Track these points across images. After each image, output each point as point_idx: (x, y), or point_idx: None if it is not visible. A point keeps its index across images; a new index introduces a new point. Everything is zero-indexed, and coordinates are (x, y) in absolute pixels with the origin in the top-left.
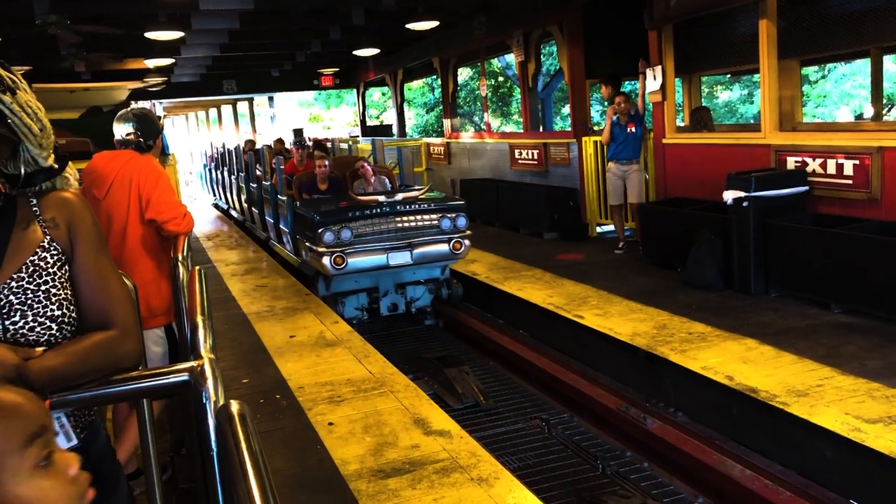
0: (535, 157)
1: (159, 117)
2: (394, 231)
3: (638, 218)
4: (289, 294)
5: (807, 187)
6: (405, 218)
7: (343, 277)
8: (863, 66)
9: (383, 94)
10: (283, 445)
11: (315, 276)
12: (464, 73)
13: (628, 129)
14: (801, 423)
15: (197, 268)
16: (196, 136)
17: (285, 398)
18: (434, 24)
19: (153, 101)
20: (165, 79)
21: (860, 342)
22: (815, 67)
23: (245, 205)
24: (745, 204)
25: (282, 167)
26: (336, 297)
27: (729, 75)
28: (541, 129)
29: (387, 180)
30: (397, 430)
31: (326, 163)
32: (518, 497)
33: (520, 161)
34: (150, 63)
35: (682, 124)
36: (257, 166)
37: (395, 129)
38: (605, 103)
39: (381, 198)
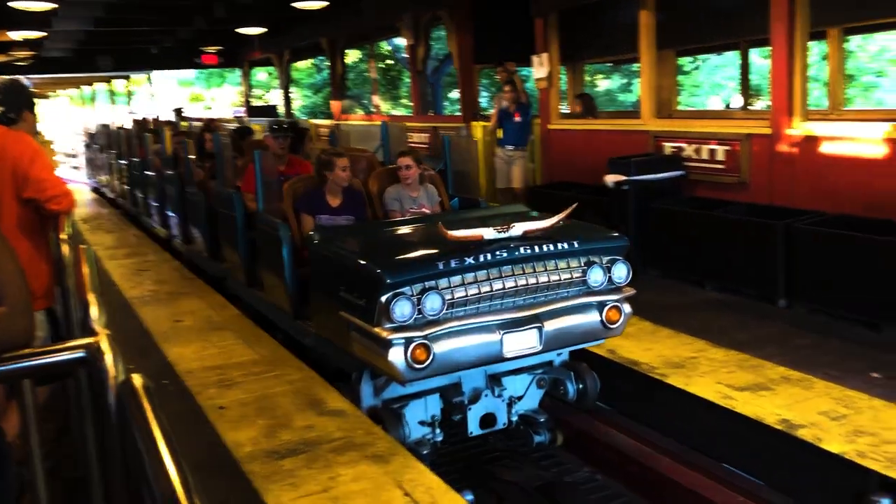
0: (426, 140)
1: (26, 88)
2: (512, 294)
3: (523, 201)
4: (172, 278)
5: (683, 171)
6: (532, 269)
7: None
8: (733, 58)
9: (270, 75)
10: (172, 430)
11: (353, 368)
12: (353, 55)
13: (514, 118)
14: (678, 393)
15: (83, 246)
16: (77, 115)
17: (173, 383)
18: (323, 4)
19: (20, 76)
20: (34, 53)
21: (730, 317)
22: (689, 58)
23: (140, 195)
24: (625, 187)
25: (236, 163)
26: (391, 408)
27: (611, 65)
28: (431, 113)
29: (434, 190)
30: (291, 411)
31: (346, 164)
32: (415, 474)
33: (410, 144)
34: (17, 35)
35: (567, 111)
36: (193, 158)
37: (281, 110)
38: (493, 90)
39: (487, 232)
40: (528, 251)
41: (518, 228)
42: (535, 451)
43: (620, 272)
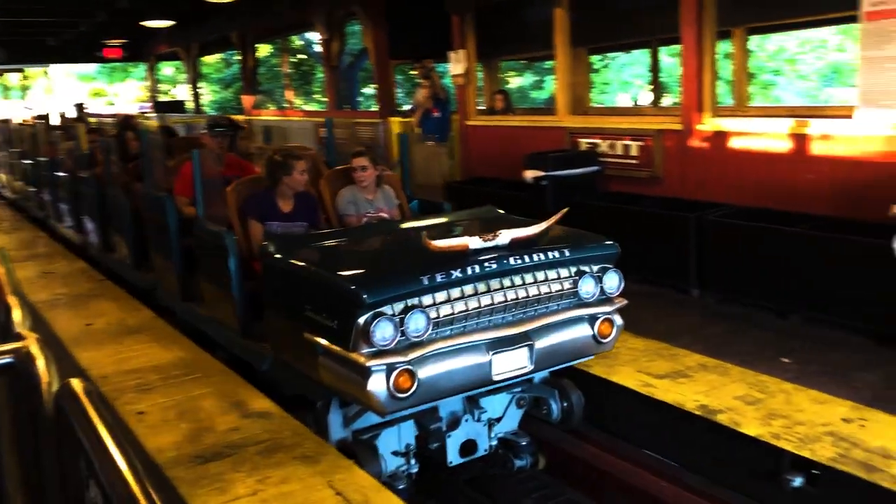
0: (343, 136)
1: None
2: (501, 309)
3: (443, 197)
4: (80, 280)
5: (598, 167)
6: (521, 281)
7: None
8: (640, 56)
9: (176, 69)
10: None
11: (319, 396)
12: (263, 50)
13: (433, 114)
14: (601, 382)
15: None
16: None
17: None
18: None
19: None
20: None
21: (651, 309)
22: (599, 57)
23: (48, 197)
24: (544, 183)
25: (130, 157)
26: (362, 440)
27: (524, 62)
28: (347, 108)
29: (391, 193)
30: (214, 414)
31: (305, 167)
32: (346, 473)
33: (324, 140)
34: None
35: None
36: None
37: (189, 106)
38: (408, 86)
39: (473, 241)
40: (519, 261)
41: (505, 236)
42: (515, 475)
43: (612, 282)
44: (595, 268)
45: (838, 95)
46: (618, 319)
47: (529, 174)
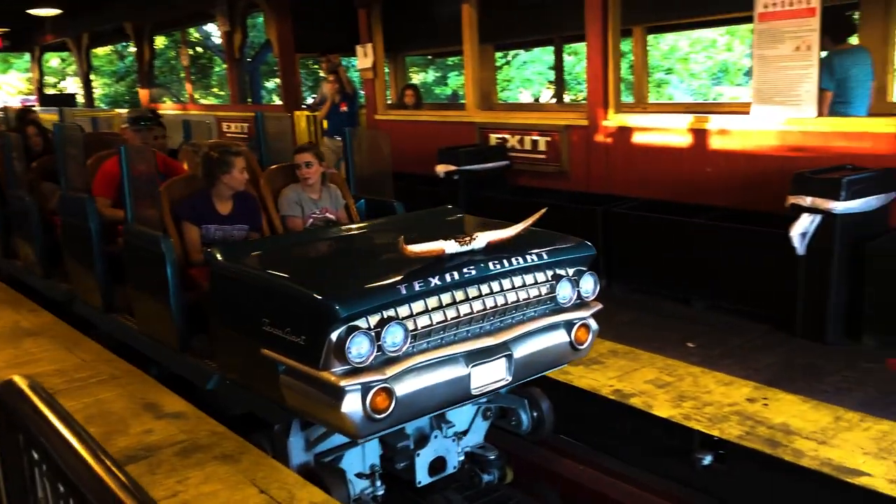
0: (246, 130)
1: None
2: (480, 318)
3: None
4: None
5: (508, 162)
6: (499, 287)
7: None
8: (540, 54)
9: (63, 61)
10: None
11: (277, 418)
12: (158, 42)
13: (341, 108)
14: None
15: None
16: None
17: None
18: None
19: None
20: None
21: None
22: (500, 54)
23: None
24: (455, 177)
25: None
26: (325, 462)
27: (429, 57)
28: (249, 102)
29: (337, 192)
30: (126, 417)
31: (245, 165)
32: (268, 470)
33: (228, 135)
34: None
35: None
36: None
37: (80, 100)
38: (312, 80)
39: (449, 245)
40: (498, 266)
41: (481, 239)
42: (483, 492)
43: (588, 285)
44: (570, 271)
45: (727, 93)
46: (593, 324)
47: (441, 169)
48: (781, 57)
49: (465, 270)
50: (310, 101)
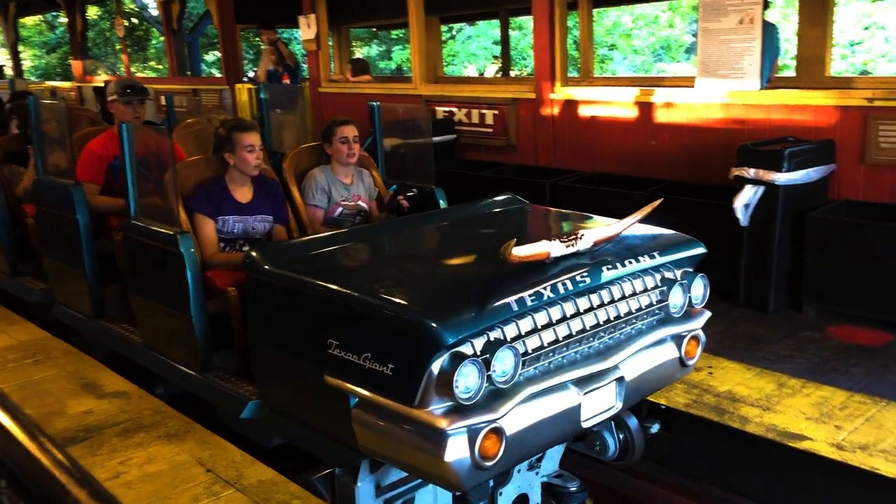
0: (184, 104)
1: None
2: (591, 336)
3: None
4: None
5: (455, 135)
6: (610, 297)
7: None
8: (485, 28)
9: None
10: None
11: (339, 461)
12: (91, 12)
13: (283, 81)
14: None
15: None
16: None
17: None
18: None
19: None
20: None
21: None
22: (445, 28)
23: None
24: (402, 151)
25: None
26: None
27: (373, 29)
28: (189, 75)
29: (370, 178)
30: (64, 397)
31: (257, 142)
32: (215, 448)
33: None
34: None
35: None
36: None
37: (8, 72)
38: (252, 53)
39: (554, 247)
40: (612, 272)
41: (587, 238)
42: None
43: (699, 290)
44: (678, 273)
45: (669, 69)
46: (703, 336)
47: (388, 143)
48: (725, 30)
49: (578, 278)
50: (251, 74)
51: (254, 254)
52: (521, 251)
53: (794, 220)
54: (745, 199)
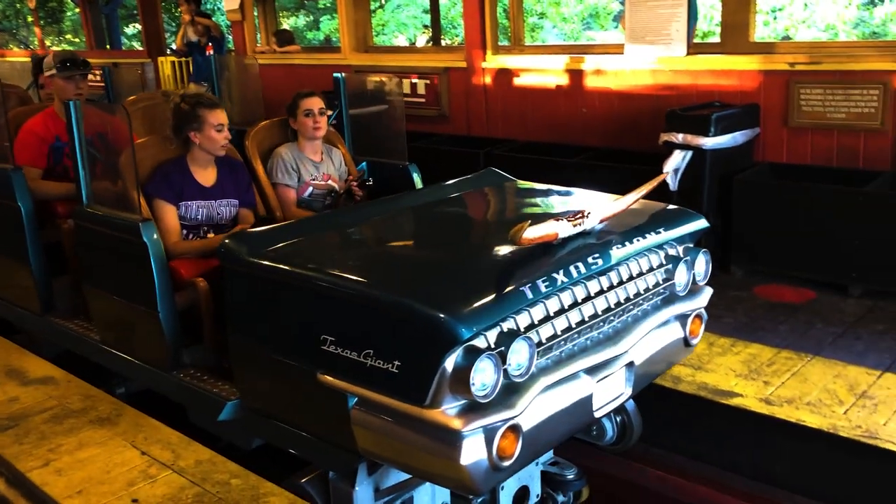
0: (101, 78)
1: None
2: (601, 321)
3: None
4: None
5: (385, 105)
6: (619, 279)
7: None
8: None
9: None
10: None
11: (331, 464)
12: None
13: (207, 52)
14: None
15: None
16: None
17: None
18: None
19: None
20: None
21: None
22: None
23: None
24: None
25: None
26: None
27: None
28: (108, 48)
29: (340, 155)
30: None
31: (224, 121)
32: (149, 431)
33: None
34: None
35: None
36: None
37: None
38: (174, 25)
39: (562, 227)
40: (621, 251)
41: (593, 217)
42: None
43: (701, 266)
44: (680, 249)
45: (598, 37)
46: (705, 314)
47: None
48: None
49: (590, 260)
50: (174, 46)
51: (230, 242)
52: (532, 232)
53: (722, 183)
54: (674, 164)
